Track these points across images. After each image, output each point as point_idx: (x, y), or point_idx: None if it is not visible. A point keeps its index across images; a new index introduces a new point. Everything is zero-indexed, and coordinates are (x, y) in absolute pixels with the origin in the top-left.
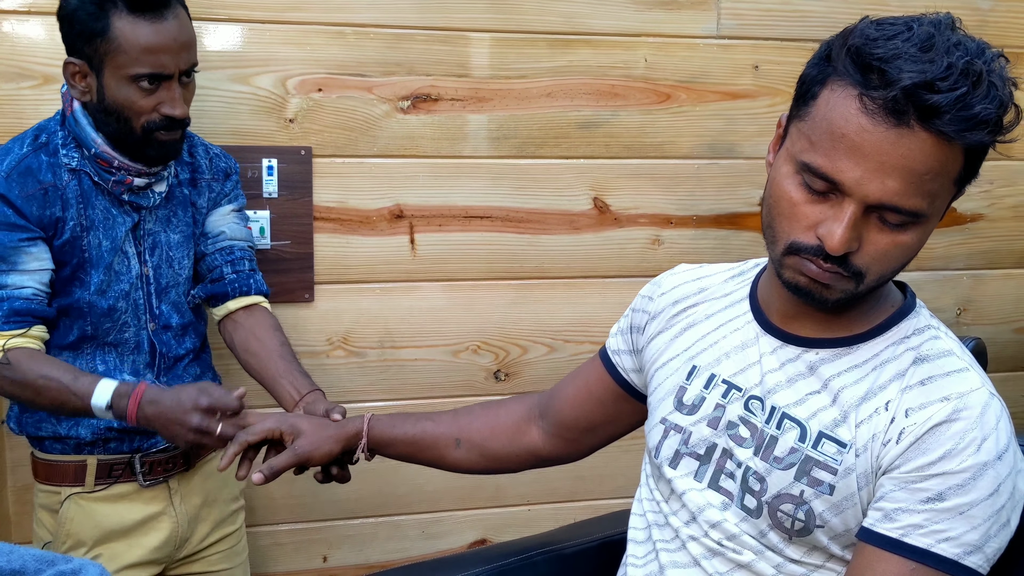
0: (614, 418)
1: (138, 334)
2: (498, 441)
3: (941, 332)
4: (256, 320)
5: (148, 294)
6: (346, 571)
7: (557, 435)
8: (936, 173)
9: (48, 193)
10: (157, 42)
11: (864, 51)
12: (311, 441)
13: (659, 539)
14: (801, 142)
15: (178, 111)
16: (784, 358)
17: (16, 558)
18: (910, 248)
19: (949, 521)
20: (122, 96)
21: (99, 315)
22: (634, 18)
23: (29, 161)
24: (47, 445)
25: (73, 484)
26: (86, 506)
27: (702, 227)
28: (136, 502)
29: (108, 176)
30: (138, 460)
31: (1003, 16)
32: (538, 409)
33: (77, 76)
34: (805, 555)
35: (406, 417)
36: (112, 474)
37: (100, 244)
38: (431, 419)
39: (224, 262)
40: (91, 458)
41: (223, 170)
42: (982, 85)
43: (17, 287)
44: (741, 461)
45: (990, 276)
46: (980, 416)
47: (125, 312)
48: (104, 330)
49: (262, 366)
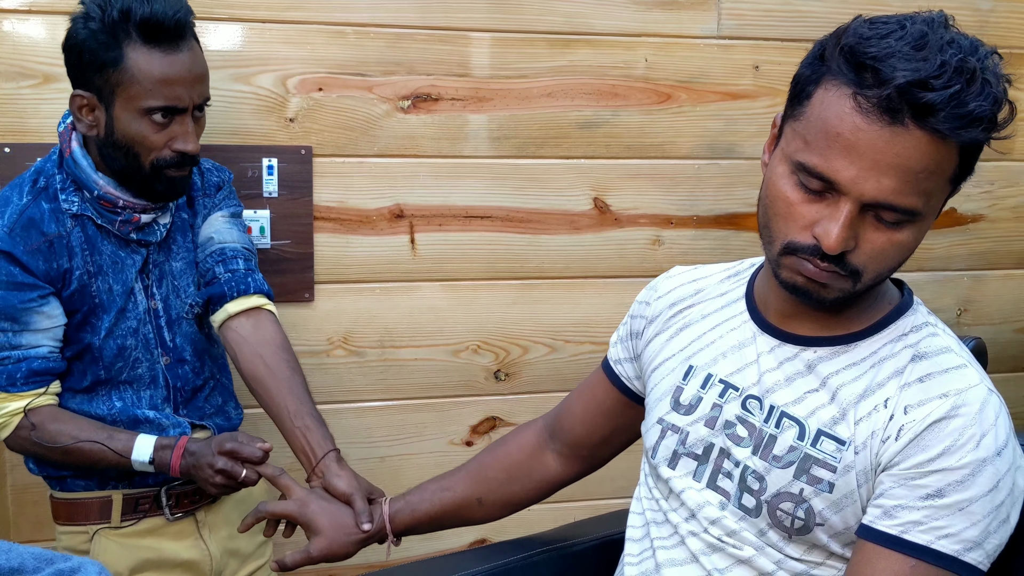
0: (624, 427)
1: (152, 368)
2: (517, 484)
3: (939, 329)
4: (261, 336)
5: (158, 327)
6: (346, 570)
7: (572, 455)
8: (931, 171)
9: (53, 245)
10: (172, 74)
11: (858, 50)
12: (328, 544)
13: (657, 536)
14: (796, 142)
15: (191, 146)
16: (782, 357)
17: (15, 556)
18: (906, 246)
19: (949, 517)
20: (133, 130)
21: (111, 357)
22: (634, 18)
23: (31, 212)
24: (69, 483)
25: (99, 521)
26: (116, 541)
27: (702, 227)
28: (164, 537)
29: (113, 217)
30: (164, 493)
31: (1003, 17)
32: (547, 433)
33: (84, 109)
34: (805, 553)
35: (422, 493)
36: (138, 509)
37: (111, 289)
38: (446, 488)
39: (215, 263)
40: (116, 493)
41: (215, 184)
42: (976, 82)
43: (32, 346)
44: (739, 460)
45: (991, 277)
46: (979, 412)
47: (136, 348)
48: (116, 370)
49: (271, 403)
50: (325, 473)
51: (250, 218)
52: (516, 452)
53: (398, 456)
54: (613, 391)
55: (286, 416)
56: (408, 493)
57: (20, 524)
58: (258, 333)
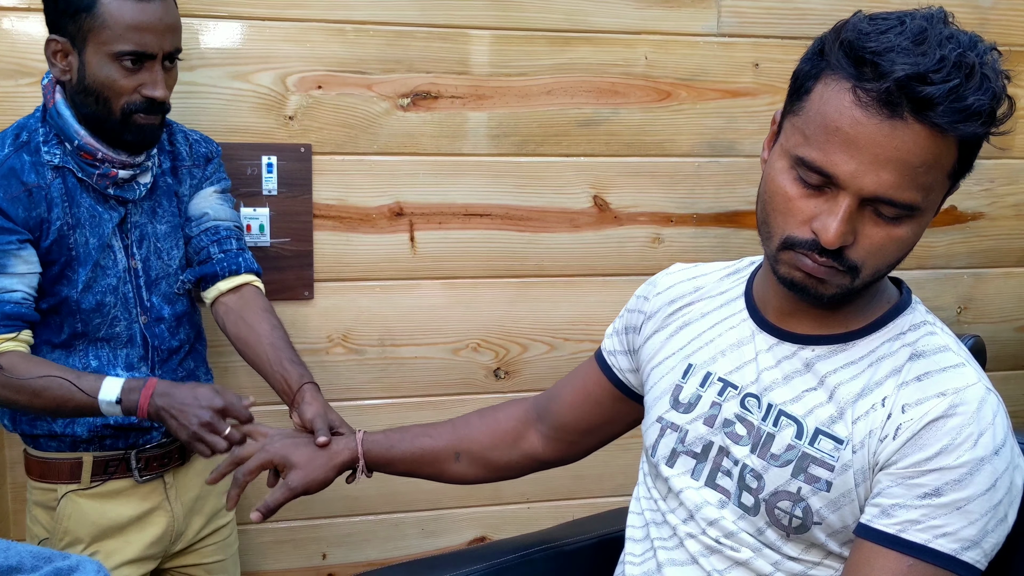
0: (612, 419)
1: (130, 327)
2: (498, 450)
3: (937, 328)
4: (245, 302)
5: (137, 287)
6: (345, 569)
7: (556, 438)
8: (930, 166)
9: (33, 194)
10: (143, 20)
11: (857, 45)
12: (305, 473)
13: (657, 537)
14: (795, 137)
15: (159, 93)
16: (780, 355)
17: (13, 555)
18: (905, 242)
19: (946, 516)
20: (103, 74)
21: (88, 311)
22: (634, 16)
23: (12, 162)
24: (42, 443)
25: (69, 481)
26: (82, 503)
27: (702, 225)
28: (132, 498)
29: (92, 170)
30: (134, 456)
31: (1004, 14)
32: (535, 412)
33: (59, 55)
34: (803, 552)
35: (403, 434)
36: (108, 471)
37: (87, 242)
38: (428, 434)
39: (210, 242)
40: (87, 455)
41: (203, 155)
42: (975, 77)
43: (7, 291)
44: (738, 459)
45: (991, 274)
46: (977, 411)
47: (114, 306)
48: (94, 326)
49: (254, 354)
50: (299, 404)
51: (249, 216)
52: (503, 423)
53: None
54: (604, 382)
55: (266, 362)
56: (389, 430)
57: (20, 522)
58: (243, 301)
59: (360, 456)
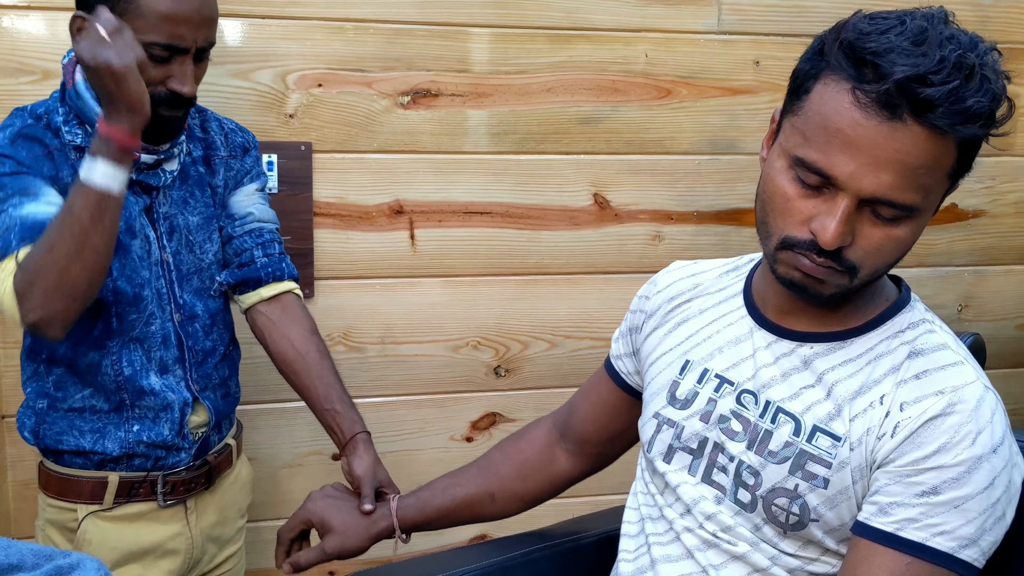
0: (630, 424)
1: (164, 327)
2: (529, 481)
3: (936, 326)
4: (288, 317)
5: (170, 282)
6: (346, 566)
7: (582, 452)
8: (929, 167)
9: (55, 157)
10: (179, 11)
11: (857, 45)
12: (342, 540)
13: (652, 533)
14: (794, 137)
15: (187, 88)
16: (778, 352)
17: (14, 552)
18: (904, 242)
19: (944, 515)
20: None
21: (126, 304)
22: (634, 13)
23: (31, 130)
24: (66, 459)
25: (90, 501)
26: (104, 526)
27: (703, 223)
28: (153, 523)
29: None
30: (161, 479)
31: (1004, 12)
32: (558, 431)
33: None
34: (800, 549)
35: (432, 490)
36: (132, 492)
37: None
38: (458, 483)
39: (254, 245)
40: (112, 475)
41: (240, 145)
42: (975, 78)
43: (34, 212)
44: (733, 455)
45: (992, 272)
46: (975, 410)
47: (151, 302)
48: (130, 322)
49: (300, 384)
50: (350, 454)
51: None
52: (527, 449)
53: (399, 452)
54: (615, 388)
55: (316, 399)
56: (419, 489)
57: (21, 520)
58: (287, 316)
59: (396, 525)
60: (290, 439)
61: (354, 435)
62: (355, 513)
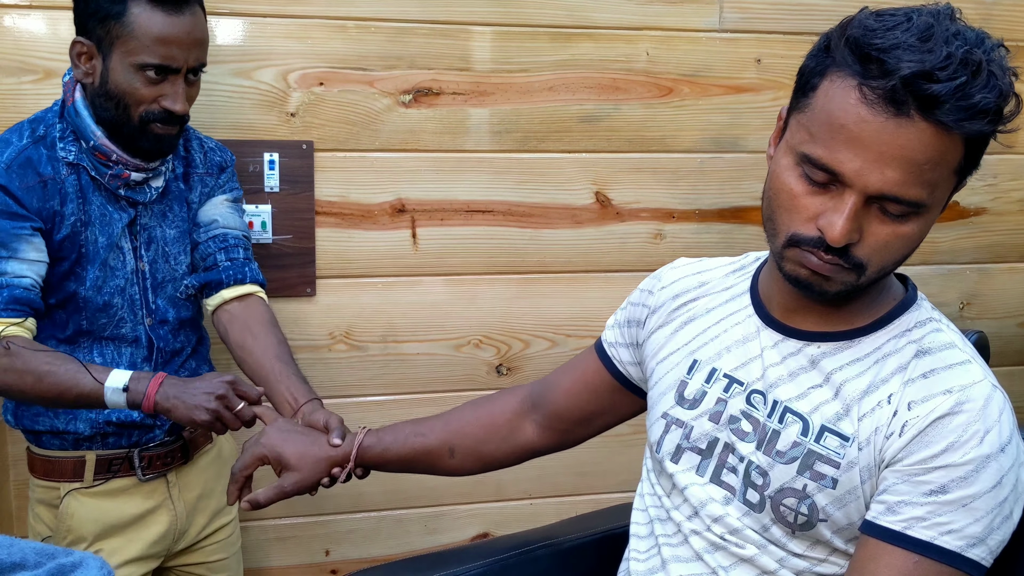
0: (608, 409)
1: (135, 329)
2: (492, 443)
3: (943, 325)
4: (251, 313)
5: (144, 289)
6: (348, 565)
7: (550, 427)
8: (936, 163)
9: (47, 186)
10: (170, 34)
11: (863, 41)
12: (298, 476)
13: (661, 534)
14: (801, 134)
15: (179, 107)
16: (786, 352)
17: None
18: (911, 239)
19: (952, 514)
20: (126, 83)
21: (94, 310)
22: (636, 11)
23: (29, 153)
24: (44, 440)
25: (72, 480)
26: (86, 501)
27: (705, 221)
28: (135, 496)
29: (105, 170)
30: (137, 455)
31: (1007, 9)
32: (530, 402)
33: (83, 57)
34: (808, 549)
35: (396, 434)
36: (111, 469)
37: (97, 240)
38: (422, 432)
39: (217, 249)
40: (89, 453)
41: (217, 164)
42: (981, 75)
43: (17, 275)
44: (743, 455)
45: (995, 270)
46: (983, 408)
47: (121, 308)
48: (100, 325)
49: (258, 365)
50: (308, 413)
51: (251, 213)
52: (497, 415)
53: None
54: (603, 372)
55: (271, 374)
56: (381, 430)
57: (23, 519)
58: (247, 311)
59: (352, 457)
60: None
61: (309, 399)
62: (310, 446)
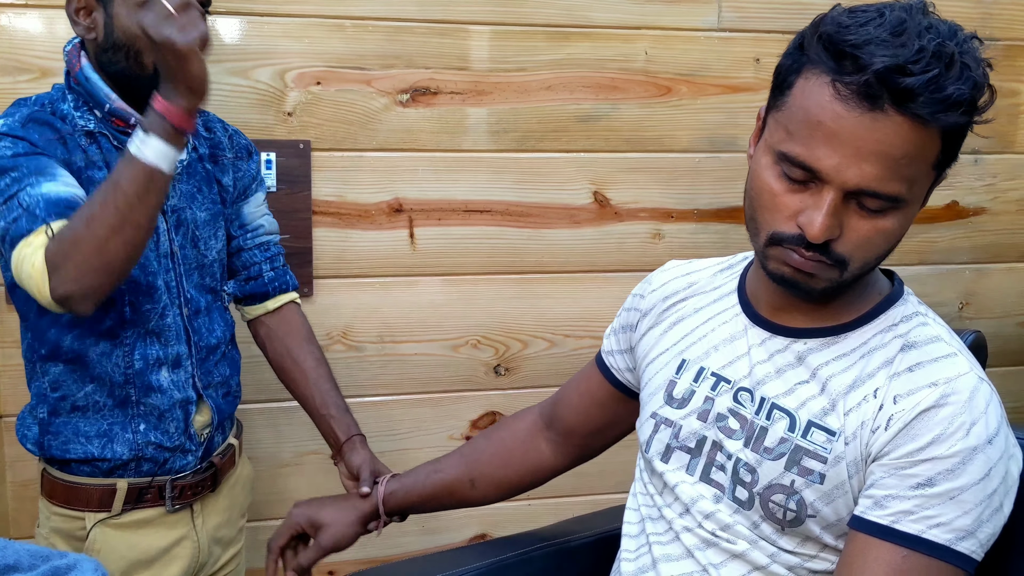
0: (615, 420)
1: (176, 320)
2: (510, 468)
3: (929, 318)
4: (288, 329)
5: (178, 275)
6: (345, 565)
7: (565, 443)
8: (913, 157)
9: (67, 142)
10: None
11: (836, 38)
12: (333, 533)
13: (652, 532)
14: (778, 132)
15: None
16: (772, 349)
17: (11, 553)
18: (891, 234)
19: (940, 507)
20: (134, 27)
21: (139, 294)
22: (634, 11)
23: (39, 114)
24: (74, 468)
25: (98, 509)
26: (113, 534)
27: (703, 221)
28: (160, 528)
29: (124, 138)
30: (169, 484)
31: (1006, 9)
32: (543, 421)
33: (82, 12)
34: (798, 546)
35: (416, 476)
36: (140, 498)
37: None
38: (440, 469)
39: (263, 259)
40: (121, 481)
41: (245, 147)
42: (955, 67)
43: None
44: (731, 453)
45: (993, 270)
46: (969, 400)
47: (164, 293)
48: (144, 312)
49: (299, 392)
50: (347, 452)
51: None
52: (510, 438)
53: (398, 451)
54: (604, 383)
55: (312, 406)
56: (404, 475)
57: (20, 521)
58: (284, 326)
59: (381, 513)
60: (289, 438)
61: (350, 437)
62: (340, 504)
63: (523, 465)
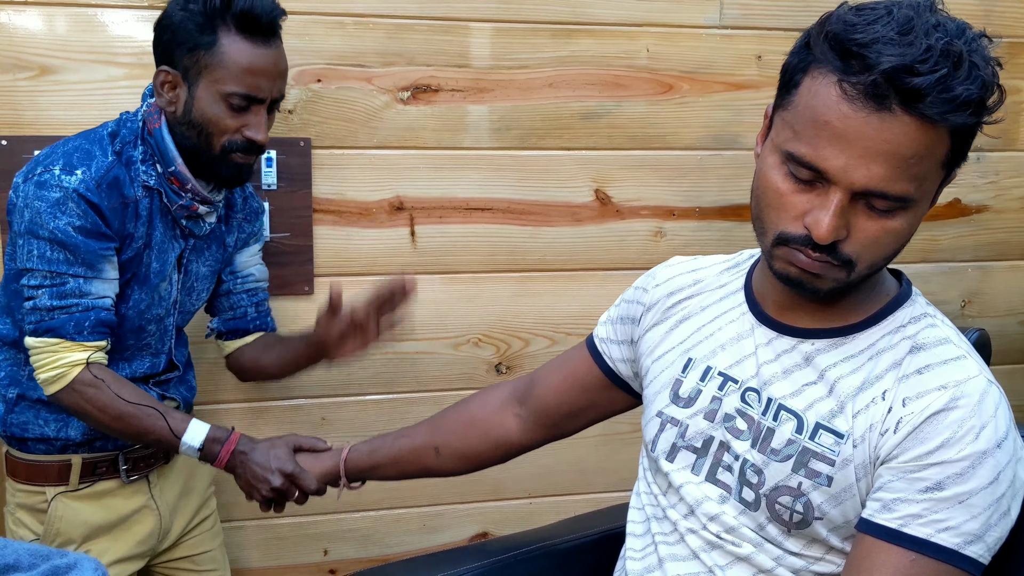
0: (596, 404)
1: (157, 354)
2: (473, 439)
3: (937, 320)
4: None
5: (176, 318)
6: (346, 565)
7: (536, 422)
8: (921, 157)
9: (128, 208)
10: (258, 65)
11: (843, 37)
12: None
13: (658, 532)
14: (785, 132)
15: (261, 136)
16: (780, 349)
17: (10, 552)
18: (900, 234)
19: (948, 510)
20: (211, 112)
21: (127, 330)
22: (637, 8)
23: (116, 172)
24: (30, 446)
25: (57, 483)
26: (72, 504)
27: (705, 219)
28: (119, 498)
29: (176, 199)
30: (122, 457)
31: (1010, 6)
32: (515, 397)
33: (167, 86)
34: (804, 547)
35: (383, 440)
36: (96, 472)
37: (151, 264)
38: (407, 434)
39: (250, 304)
40: (75, 457)
41: (255, 210)
42: (963, 66)
43: (100, 296)
44: (738, 454)
45: (996, 268)
46: (978, 404)
47: (152, 335)
48: (125, 345)
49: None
50: None
51: None
52: (478, 409)
53: None
54: (594, 369)
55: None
56: (371, 439)
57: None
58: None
59: (341, 469)
60: None
61: None
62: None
63: (487, 437)
